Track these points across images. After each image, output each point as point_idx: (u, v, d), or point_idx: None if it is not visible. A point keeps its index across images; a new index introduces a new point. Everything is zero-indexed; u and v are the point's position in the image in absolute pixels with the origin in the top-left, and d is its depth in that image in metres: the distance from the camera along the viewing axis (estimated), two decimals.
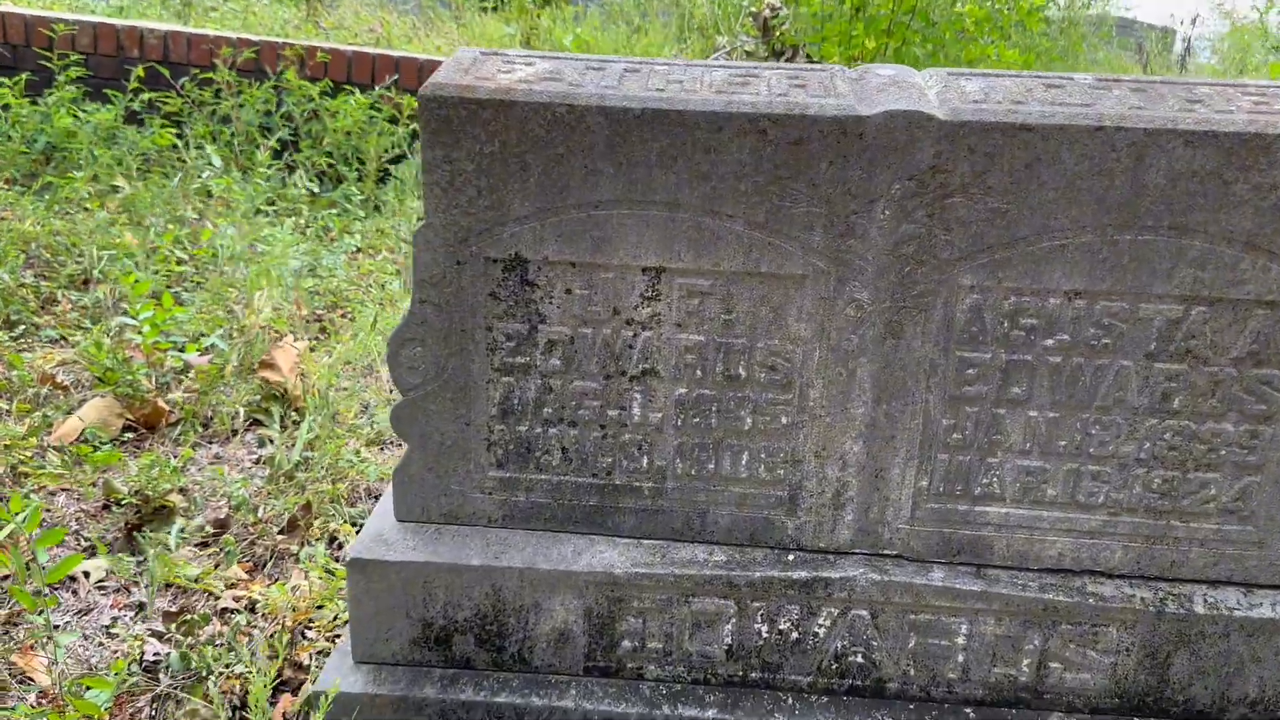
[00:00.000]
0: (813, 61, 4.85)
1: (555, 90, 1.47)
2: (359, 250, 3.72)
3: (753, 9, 5.41)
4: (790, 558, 1.65)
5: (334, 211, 3.83)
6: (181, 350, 2.66)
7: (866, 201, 1.46)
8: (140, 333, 2.61)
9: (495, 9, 7.80)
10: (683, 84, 1.51)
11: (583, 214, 1.50)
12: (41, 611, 1.74)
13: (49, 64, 4.42)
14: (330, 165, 4.35)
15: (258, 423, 2.66)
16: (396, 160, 4.38)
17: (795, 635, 1.65)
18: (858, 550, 1.65)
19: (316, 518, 2.25)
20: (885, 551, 1.65)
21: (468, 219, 1.52)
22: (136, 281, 2.53)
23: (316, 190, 4.01)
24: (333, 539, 2.28)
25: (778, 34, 4.85)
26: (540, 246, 1.53)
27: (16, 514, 1.72)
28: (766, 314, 1.54)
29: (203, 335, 2.84)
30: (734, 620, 1.65)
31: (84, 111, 4.07)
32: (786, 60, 4.80)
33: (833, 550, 1.66)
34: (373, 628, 1.68)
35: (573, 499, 1.67)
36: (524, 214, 1.51)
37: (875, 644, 1.65)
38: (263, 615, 2.02)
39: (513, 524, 1.70)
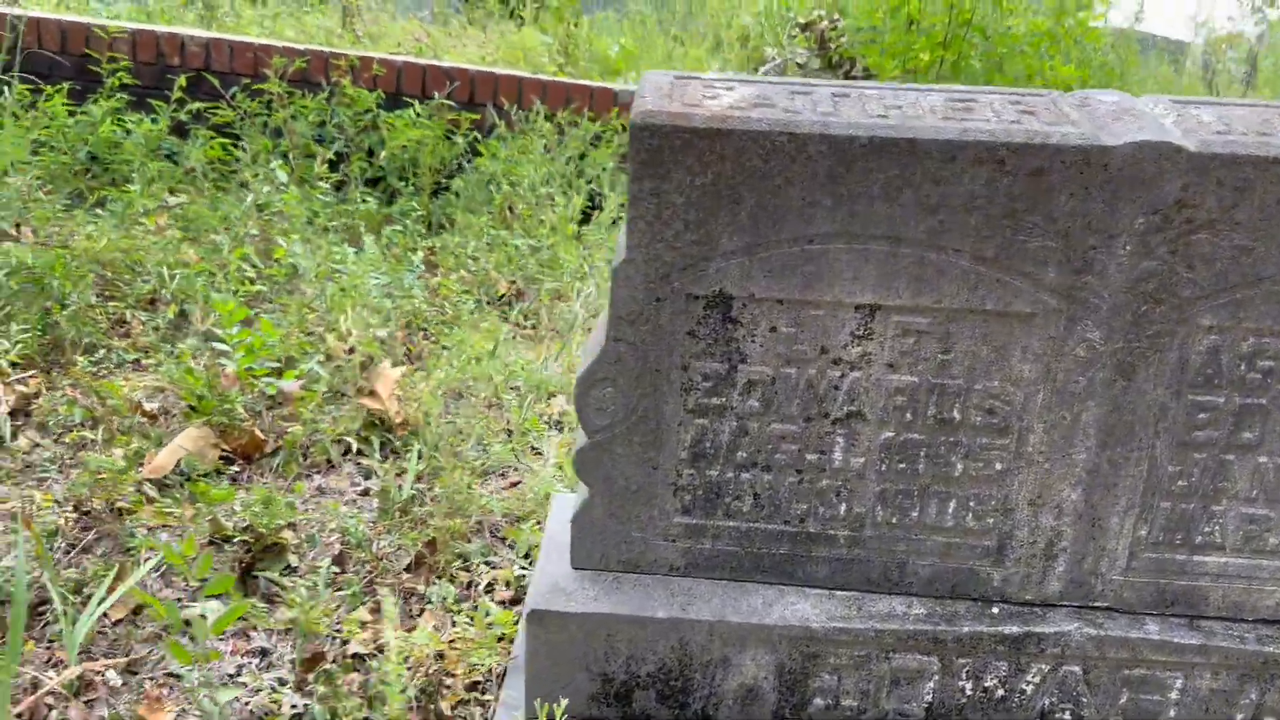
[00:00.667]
0: (869, 75, 4.78)
1: (774, 118, 1.38)
2: (428, 268, 3.61)
3: (799, 20, 5.34)
4: (995, 611, 1.56)
5: (397, 228, 3.73)
6: (278, 376, 2.54)
7: (1106, 236, 1.37)
8: (233, 359, 2.50)
9: (512, 15, 7.70)
10: (903, 110, 1.42)
11: (795, 249, 1.41)
12: (197, 667, 1.64)
13: (97, 70, 4.29)
14: (380, 178, 4.24)
15: (356, 452, 2.55)
16: (451, 174, 4.28)
17: (1001, 693, 1.56)
18: (1066, 603, 1.56)
19: (441, 555, 2.15)
20: (1096, 604, 1.56)
21: (672, 254, 1.43)
22: (233, 309, 2.42)
23: (375, 205, 3.90)
24: (453, 577, 2.18)
25: (834, 46, 4.78)
26: (747, 283, 1.43)
27: (190, 557, 1.61)
28: (988, 354, 1.45)
29: (290, 359, 2.72)
30: (936, 677, 1.55)
31: (127, 121, 3.95)
32: (845, 74, 4.72)
33: (1039, 602, 1.57)
34: (549, 682, 1.58)
35: (762, 547, 1.57)
36: (732, 249, 1.42)
37: (1084, 700, 1.56)
38: (400, 661, 1.91)
39: (695, 572, 1.60)
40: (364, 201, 3.78)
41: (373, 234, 3.75)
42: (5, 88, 4.01)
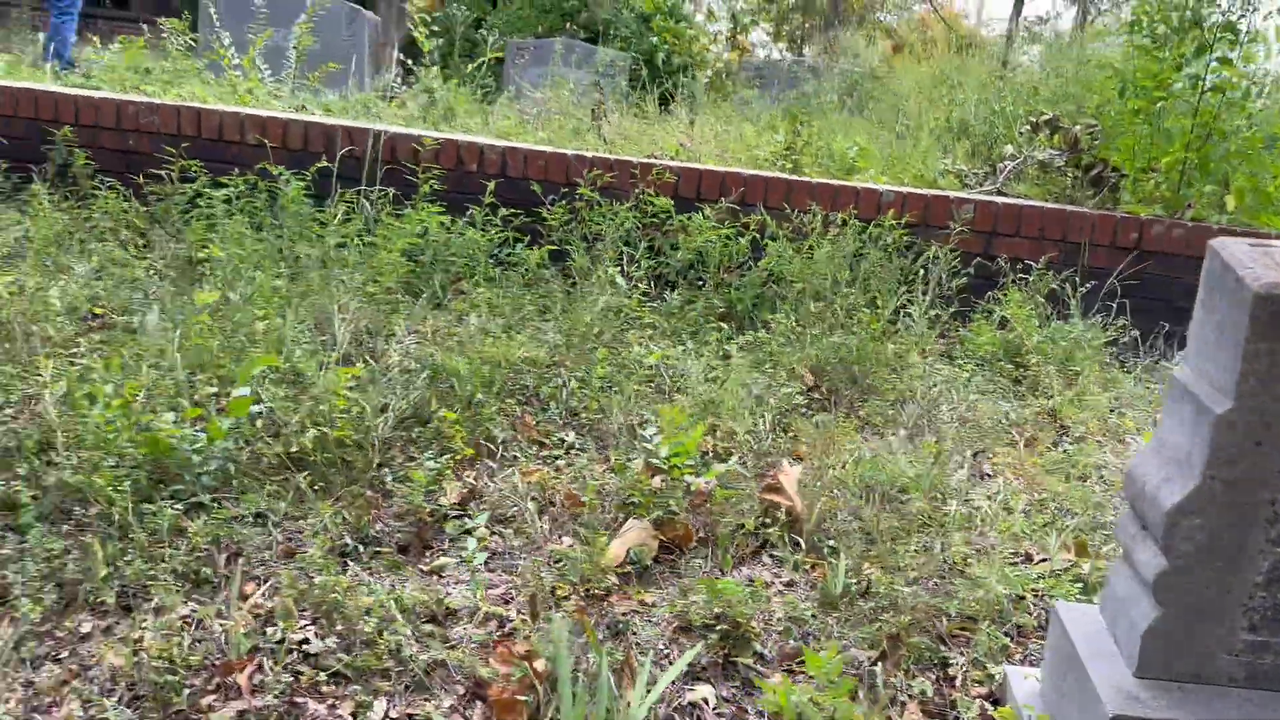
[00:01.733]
0: (1118, 172, 4.98)
1: None
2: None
3: (1031, 119, 5.57)
4: None
5: (712, 327, 4.03)
6: (699, 475, 2.82)
7: None
8: (659, 457, 2.78)
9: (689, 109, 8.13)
10: None
11: None
12: None
13: (414, 179, 4.74)
14: (660, 275, 4.56)
15: (764, 544, 2.79)
16: (730, 270, 4.58)
17: None
18: None
19: (906, 650, 2.36)
20: None
21: (1277, 405, 1.64)
22: (675, 414, 2.72)
23: (679, 304, 4.22)
24: (907, 671, 2.37)
25: (1086, 147, 5.00)
26: None
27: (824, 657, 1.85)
28: None
29: (682, 454, 2.99)
30: None
31: (469, 231, 4.36)
32: (1097, 174, 4.93)
33: None
34: None
35: None
36: None
37: None
38: None
39: (1252, 684, 1.78)
40: (684, 305, 4.10)
41: (688, 332, 4.06)
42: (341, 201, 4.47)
